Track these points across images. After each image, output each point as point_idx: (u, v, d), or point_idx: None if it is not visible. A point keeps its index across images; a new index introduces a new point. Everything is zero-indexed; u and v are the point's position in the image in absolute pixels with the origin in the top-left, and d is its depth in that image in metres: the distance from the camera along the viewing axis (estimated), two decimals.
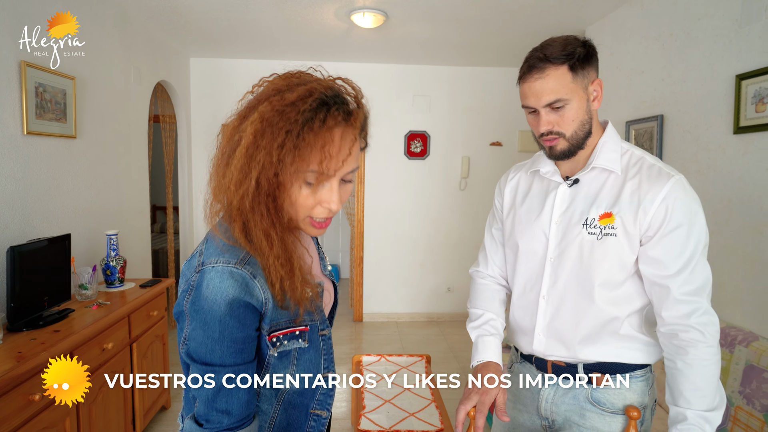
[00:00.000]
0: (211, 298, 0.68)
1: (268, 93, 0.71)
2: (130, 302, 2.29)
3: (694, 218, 0.96)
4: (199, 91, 4.20)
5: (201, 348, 0.68)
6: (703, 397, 0.93)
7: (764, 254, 1.87)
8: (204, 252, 0.72)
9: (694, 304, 0.95)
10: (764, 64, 1.87)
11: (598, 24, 3.16)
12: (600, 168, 1.03)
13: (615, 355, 1.04)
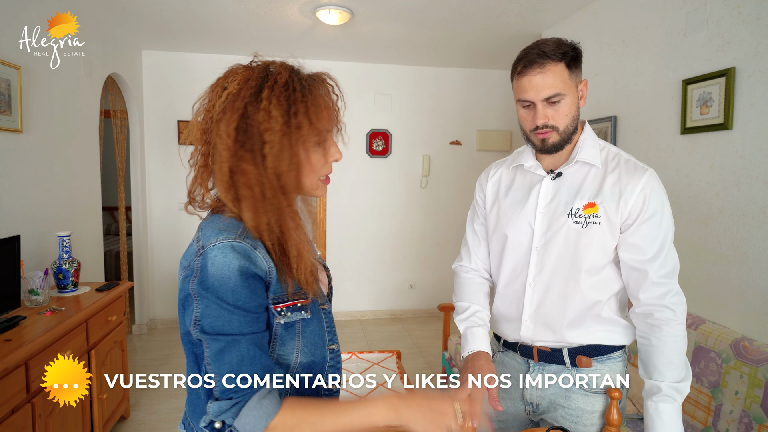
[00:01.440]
0: (218, 273, 0.70)
1: (253, 84, 0.74)
2: (88, 307, 2.16)
3: (665, 207, 1.05)
4: (152, 85, 4.01)
5: (218, 321, 0.70)
6: (674, 370, 1.02)
7: (709, 245, 2.04)
8: (201, 237, 0.75)
9: (667, 286, 1.03)
10: (707, 71, 2.04)
11: (553, 29, 3.31)
12: (582, 162, 1.11)
13: (598, 338, 1.11)
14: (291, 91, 0.74)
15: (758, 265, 1.82)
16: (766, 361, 1.65)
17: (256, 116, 0.73)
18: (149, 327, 4.15)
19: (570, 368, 1.12)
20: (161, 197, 4.11)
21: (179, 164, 4.12)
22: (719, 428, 1.76)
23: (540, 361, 1.16)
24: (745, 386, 1.69)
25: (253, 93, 0.74)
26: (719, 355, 1.81)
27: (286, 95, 0.74)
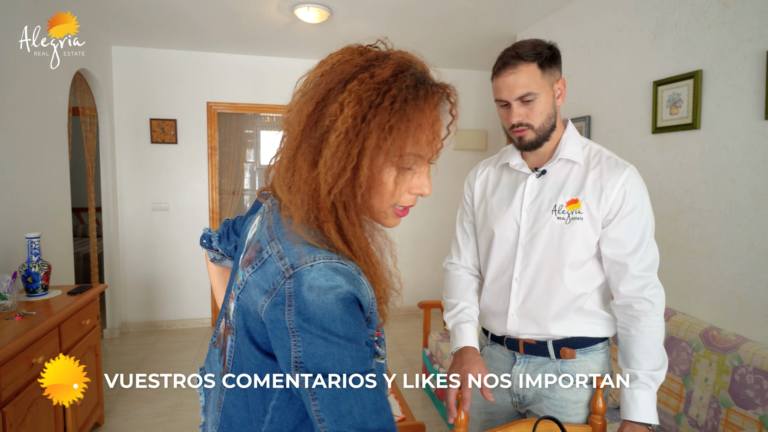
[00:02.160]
0: (321, 300, 0.56)
1: (348, 70, 0.62)
2: (60, 311, 2.09)
3: (644, 202, 1.10)
4: (122, 82, 3.89)
5: (327, 361, 0.56)
6: (651, 359, 1.07)
7: (679, 239, 2.13)
8: (286, 253, 0.60)
9: (646, 279, 1.08)
10: (676, 73, 2.13)
11: (528, 30, 3.38)
12: (565, 159, 1.15)
13: (581, 330, 1.15)
14: (382, 93, 0.60)
15: (724, 258, 1.92)
16: (732, 348, 1.73)
17: (330, 107, 0.61)
18: (121, 331, 4.03)
19: (554, 360, 1.16)
20: (133, 197, 4.00)
21: (152, 164, 4.02)
22: (690, 414, 1.84)
23: (526, 354, 1.19)
24: (714, 373, 1.78)
25: (343, 79, 0.62)
26: (690, 344, 1.90)
27: (372, 95, 0.60)
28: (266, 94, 4.22)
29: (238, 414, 0.69)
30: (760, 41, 1.77)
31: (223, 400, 0.71)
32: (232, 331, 0.69)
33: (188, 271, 4.18)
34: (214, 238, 0.99)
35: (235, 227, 0.97)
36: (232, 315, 0.69)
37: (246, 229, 0.81)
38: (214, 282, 1.04)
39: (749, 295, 1.82)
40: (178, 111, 4.02)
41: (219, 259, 1.01)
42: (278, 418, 0.64)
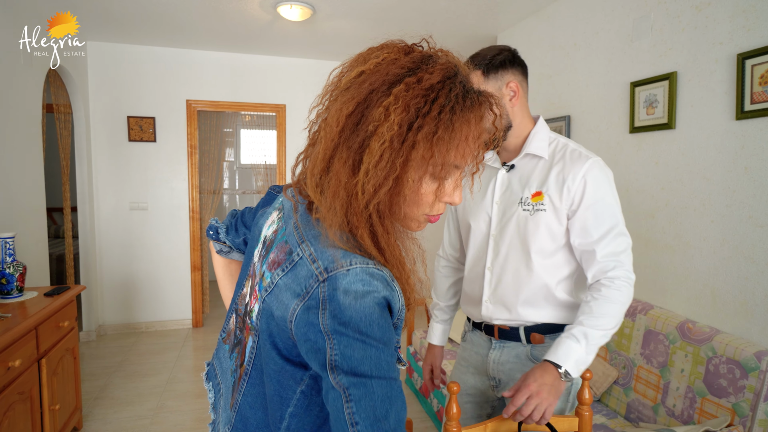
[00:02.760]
0: (358, 304, 0.55)
1: (394, 72, 0.58)
2: (37, 313, 2.03)
3: (607, 193, 1.13)
4: (98, 78, 3.80)
5: (365, 364, 0.54)
6: (591, 317, 1.08)
7: (655, 235, 2.20)
8: (319, 256, 0.59)
9: (612, 263, 1.11)
10: (652, 74, 2.20)
11: (509, 31, 3.43)
12: (531, 154, 1.21)
13: (551, 317, 1.21)
14: (430, 100, 0.57)
15: (699, 254, 1.99)
16: (707, 340, 1.80)
17: (374, 110, 0.57)
18: (98, 333, 3.93)
19: (525, 345, 1.24)
20: (110, 197, 3.91)
21: (130, 162, 3.93)
22: (667, 404, 1.91)
23: (500, 339, 1.27)
24: (690, 364, 1.84)
25: (388, 81, 0.58)
26: (666, 337, 1.96)
27: (420, 103, 0.57)
28: (247, 92, 4.18)
29: (254, 415, 0.67)
30: (730, 45, 1.85)
31: (240, 401, 0.70)
32: (254, 332, 0.68)
33: (168, 272, 4.11)
34: (221, 230, 0.96)
35: (244, 219, 0.94)
36: (255, 317, 0.68)
37: (259, 222, 0.79)
38: (220, 274, 1.01)
39: (722, 289, 1.89)
40: (157, 109, 3.94)
41: (226, 251, 0.98)
42: (295, 425, 0.64)
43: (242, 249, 0.96)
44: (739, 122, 1.81)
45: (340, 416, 0.54)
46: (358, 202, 0.58)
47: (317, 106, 0.65)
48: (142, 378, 3.17)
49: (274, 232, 0.71)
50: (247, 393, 0.68)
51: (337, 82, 0.63)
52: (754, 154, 1.76)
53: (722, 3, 1.88)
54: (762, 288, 1.74)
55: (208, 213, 4.40)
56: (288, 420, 0.63)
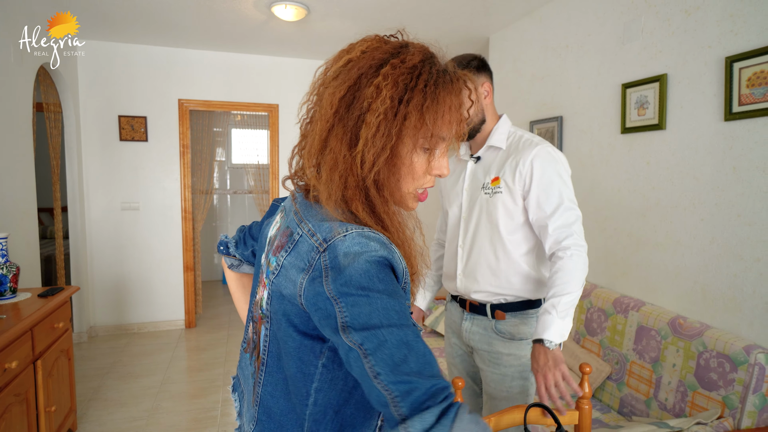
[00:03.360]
0: (356, 262, 0.58)
1: (379, 56, 0.64)
2: (33, 314, 2.01)
3: (555, 173, 1.31)
4: (89, 77, 3.75)
5: (374, 317, 0.56)
6: (554, 288, 1.25)
7: (646, 234, 2.25)
8: (317, 230, 0.63)
9: (564, 234, 1.29)
10: (643, 76, 2.25)
11: (501, 33, 3.47)
12: (493, 146, 1.43)
13: (515, 290, 1.40)
14: (415, 76, 0.63)
15: (689, 252, 2.04)
16: (698, 335, 1.86)
17: (365, 90, 0.63)
18: (89, 335, 3.89)
19: (491, 319, 1.45)
20: (101, 197, 3.87)
21: (121, 162, 3.90)
22: (660, 398, 1.95)
23: (471, 312, 1.49)
24: (681, 359, 1.89)
25: (374, 65, 0.64)
26: (658, 332, 2.01)
27: (407, 79, 0.62)
28: (239, 91, 4.16)
29: (276, 404, 0.69)
30: (719, 48, 1.90)
31: (260, 393, 0.71)
32: (266, 319, 0.70)
33: (160, 272, 4.08)
34: (231, 244, 1.00)
35: (252, 232, 0.97)
36: (264, 303, 0.70)
37: (265, 231, 0.82)
38: (233, 288, 1.04)
39: (712, 285, 1.95)
40: (149, 108, 3.91)
41: (236, 265, 1.01)
42: (322, 400, 0.66)
43: (251, 261, 0.99)
44: (727, 123, 1.86)
45: (364, 374, 0.55)
46: (357, 174, 0.63)
47: (306, 102, 0.71)
48: (135, 379, 3.15)
49: (277, 228, 0.74)
50: (266, 382, 0.70)
51: (323, 77, 0.69)
52: (742, 155, 1.81)
53: (710, 8, 1.93)
54: (750, 284, 1.80)
55: (201, 213, 4.37)
56: (314, 395, 0.65)
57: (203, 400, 2.88)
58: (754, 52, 1.75)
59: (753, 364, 1.66)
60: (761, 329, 1.76)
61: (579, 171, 2.65)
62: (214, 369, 3.33)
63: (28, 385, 1.97)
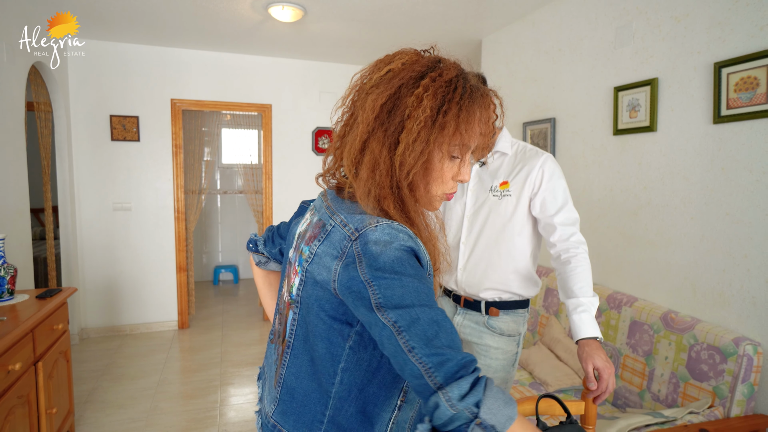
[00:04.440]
0: (387, 250, 0.64)
1: (418, 69, 0.71)
2: (33, 315, 1.99)
3: (560, 178, 1.46)
4: (80, 76, 3.71)
5: (406, 297, 0.61)
6: (585, 287, 1.36)
7: (638, 232, 2.34)
8: (349, 220, 0.69)
9: (570, 231, 1.42)
10: (634, 80, 2.33)
11: (494, 35, 3.54)
12: (499, 152, 1.54)
13: (511, 286, 1.49)
14: (452, 89, 0.69)
15: (680, 249, 2.13)
16: (689, 329, 1.94)
17: (406, 99, 0.69)
18: (81, 337, 3.84)
19: (484, 315, 1.53)
20: (92, 197, 3.82)
21: (113, 162, 3.86)
22: (653, 390, 2.03)
23: (465, 307, 1.57)
24: (673, 351, 1.97)
25: (414, 77, 0.70)
26: (651, 327, 2.09)
27: (445, 91, 0.69)
28: (233, 91, 4.15)
29: (300, 385, 0.73)
30: (707, 54, 1.99)
31: (284, 374, 0.76)
32: (295, 304, 0.74)
33: (152, 273, 4.05)
34: (260, 242, 1.04)
35: (280, 231, 1.02)
36: (295, 290, 0.75)
37: (293, 230, 0.87)
38: (260, 284, 1.09)
39: (701, 281, 2.03)
40: (141, 108, 3.88)
41: (264, 262, 1.06)
42: (347, 379, 0.71)
43: (278, 259, 1.03)
44: (716, 126, 1.95)
45: (397, 349, 0.59)
46: (394, 175, 0.69)
47: (341, 106, 0.77)
48: (131, 380, 3.13)
49: (308, 224, 0.79)
50: (291, 365, 0.74)
51: (361, 83, 0.75)
52: (730, 156, 1.90)
53: (699, 15, 2.02)
54: (738, 280, 1.88)
55: (194, 213, 4.35)
56: (340, 375, 0.70)
57: (201, 401, 2.88)
58: (741, 59, 1.83)
59: (742, 355, 1.74)
60: (749, 322, 1.84)
61: (572, 171, 2.73)
62: (210, 369, 3.33)
63: (30, 388, 1.95)
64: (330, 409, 0.71)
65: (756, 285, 1.82)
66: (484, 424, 0.54)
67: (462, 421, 0.54)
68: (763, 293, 1.79)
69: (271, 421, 0.77)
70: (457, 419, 0.54)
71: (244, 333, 4.09)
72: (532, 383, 2.41)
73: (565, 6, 2.81)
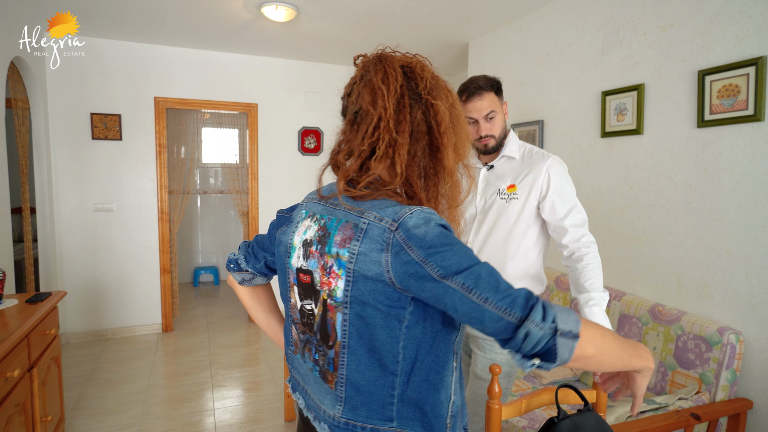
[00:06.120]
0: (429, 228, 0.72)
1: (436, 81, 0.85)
2: (28, 320, 1.93)
3: (566, 181, 1.53)
4: (59, 73, 3.58)
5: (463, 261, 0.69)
6: (596, 283, 1.44)
7: (626, 230, 2.46)
8: (383, 215, 0.75)
9: (580, 232, 1.50)
10: (621, 85, 2.45)
11: (481, 39, 3.62)
12: (507, 156, 1.61)
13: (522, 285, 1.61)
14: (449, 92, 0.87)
15: (665, 246, 2.25)
16: (676, 320, 2.06)
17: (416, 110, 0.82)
18: (61, 342, 3.71)
19: None
20: (72, 198, 3.70)
21: (94, 161, 3.75)
22: None
23: None
24: (661, 342, 2.09)
25: (435, 86, 0.84)
26: (639, 319, 2.21)
27: (446, 93, 0.85)
28: (218, 90, 4.10)
29: (363, 377, 0.76)
30: (691, 62, 2.11)
31: (345, 373, 0.77)
32: (344, 305, 0.76)
33: (135, 275, 3.95)
34: (241, 260, 1.02)
35: (262, 245, 1.00)
36: (340, 292, 0.76)
37: (283, 239, 0.89)
38: (247, 302, 1.06)
39: (686, 276, 2.16)
40: (123, 106, 3.78)
41: (249, 279, 1.03)
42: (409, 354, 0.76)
43: (265, 272, 1.02)
44: (700, 130, 2.07)
45: (472, 306, 0.68)
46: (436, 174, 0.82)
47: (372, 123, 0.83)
48: (119, 386, 3.05)
49: (317, 230, 0.82)
50: (350, 362, 0.77)
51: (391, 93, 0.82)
52: (713, 158, 2.03)
53: (683, 25, 2.14)
54: (720, 274, 2.01)
55: (178, 213, 4.26)
56: (402, 352, 0.76)
57: (194, 404, 2.84)
58: (724, 67, 1.96)
59: (726, 343, 1.86)
60: (731, 313, 1.97)
61: None
62: (200, 372, 3.28)
63: (26, 395, 1.90)
64: (398, 387, 0.76)
65: (737, 278, 1.95)
66: (563, 332, 0.66)
67: (548, 337, 0.65)
68: (743, 286, 1.93)
69: (342, 421, 0.78)
70: (545, 337, 0.65)
71: (230, 335, 4.05)
72: (526, 376, 2.49)
73: (552, 12, 2.91)
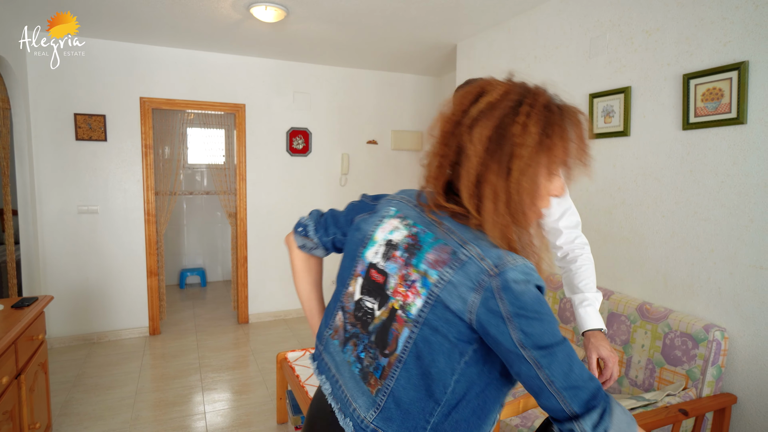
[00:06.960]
0: (527, 290, 0.69)
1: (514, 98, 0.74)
2: (15, 325, 1.89)
3: None
4: (41, 72, 3.50)
5: (547, 335, 0.68)
6: (590, 284, 1.46)
7: (613, 230, 2.51)
8: (486, 255, 0.72)
9: (574, 234, 1.52)
10: (608, 87, 2.50)
11: (470, 40, 3.66)
12: None
13: None
14: (549, 112, 0.73)
15: (652, 245, 2.30)
16: (663, 318, 2.11)
17: (511, 128, 0.72)
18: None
19: None
20: (55, 200, 3.62)
21: (78, 163, 3.68)
22: (631, 376, 2.20)
23: None
24: (649, 340, 2.14)
25: (512, 106, 0.73)
26: (628, 318, 2.26)
27: (545, 115, 0.73)
28: (206, 90, 4.05)
29: (407, 395, 0.76)
30: (676, 66, 2.16)
31: (392, 386, 0.78)
32: (415, 323, 0.76)
33: (121, 278, 3.89)
34: (310, 227, 1.03)
35: (337, 220, 1.01)
36: (416, 310, 0.76)
37: (362, 227, 0.90)
38: (299, 268, 1.06)
39: (672, 274, 2.21)
40: (108, 106, 3.71)
41: (310, 248, 1.04)
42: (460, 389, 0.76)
43: (329, 248, 1.03)
44: (685, 132, 2.13)
45: (536, 380, 0.70)
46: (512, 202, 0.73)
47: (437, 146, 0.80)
48: (106, 390, 3.00)
49: (407, 236, 0.82)
50: (401, 377, 0.77)
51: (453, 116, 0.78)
52: (698, 160, 2.08)
53: (668, 30, 2.19)
54: (706, 272, 2.07)
55: (164, 215, 4.20)
56: (453, 385, 0.75)
57: (185, 407, 2.81)
58: (708, 72, 2.01)
59: (712, 340, 1.92)
60: (715, 310, 2.03)
61: None
62: (189, 375, 3.25)
63: (14, 402, 1.86)
64: (436, 416, 0.75)
65: (721, 277, 2.01)
66: None
67: None
68: (727, 284, 1.98)
69: (370, 426, 0.78)
70: None
71: (219, 337, 4.01)
72: None
73: (540, 16, 2.95)
